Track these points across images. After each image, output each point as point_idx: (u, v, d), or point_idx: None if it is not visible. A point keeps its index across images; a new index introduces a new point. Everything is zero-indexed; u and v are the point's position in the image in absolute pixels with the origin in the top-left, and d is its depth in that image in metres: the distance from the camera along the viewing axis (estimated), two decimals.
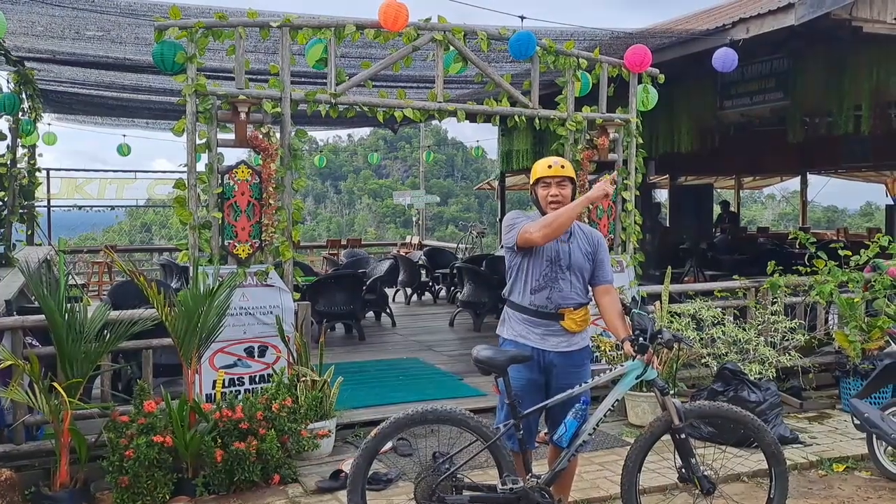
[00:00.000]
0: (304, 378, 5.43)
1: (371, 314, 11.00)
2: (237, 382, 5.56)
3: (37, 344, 5.24)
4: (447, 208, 52.01)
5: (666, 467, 4.81)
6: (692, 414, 3.89)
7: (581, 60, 6.76)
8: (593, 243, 3.98)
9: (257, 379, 5.62)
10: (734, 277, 7.35)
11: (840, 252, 7.07)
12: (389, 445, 5.18)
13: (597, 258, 3.95)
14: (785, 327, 6.58)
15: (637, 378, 3.79)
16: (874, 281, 6.87)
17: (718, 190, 20.49)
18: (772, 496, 3.90)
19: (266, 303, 5.66)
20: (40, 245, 10.11)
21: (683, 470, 3.80)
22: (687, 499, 4.03)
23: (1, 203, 8.65)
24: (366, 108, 6.10)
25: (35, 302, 5.37)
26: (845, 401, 6.50)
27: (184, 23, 5.37)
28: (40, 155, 9.48)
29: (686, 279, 11.88)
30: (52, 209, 15.40)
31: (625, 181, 7.01)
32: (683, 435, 3.75)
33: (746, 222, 24.39)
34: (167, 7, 5.71)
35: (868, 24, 7.02)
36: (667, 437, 3.80)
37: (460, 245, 18.07)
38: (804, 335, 6.64)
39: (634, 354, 3.72)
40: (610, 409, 3.82)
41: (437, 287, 13.77)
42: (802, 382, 6.77)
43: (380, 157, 45.36)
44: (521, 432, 3.71)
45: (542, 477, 3.75)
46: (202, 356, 5.25)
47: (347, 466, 4.21)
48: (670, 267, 7.00)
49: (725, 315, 6.69)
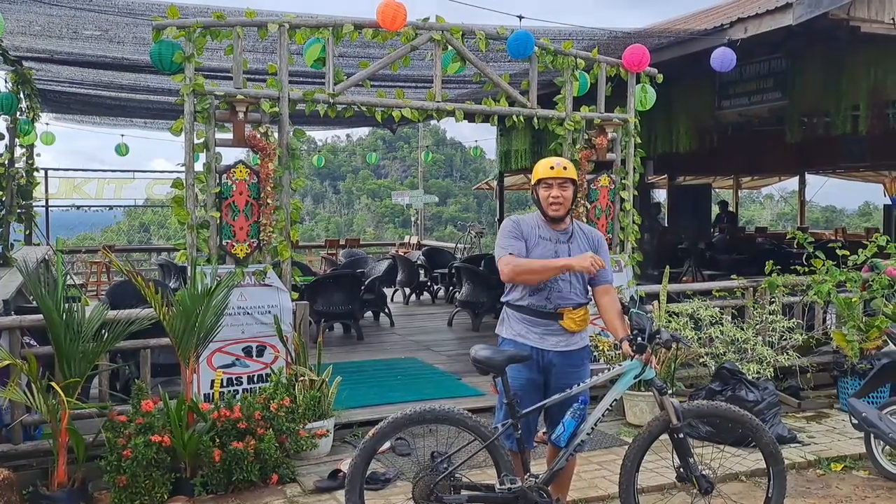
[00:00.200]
0: (303, 378, 5.42)
1: (369, 314, 11.00)
2: (235, 382, 5.56)
3: (35, 343, 5.24)
4: (446, 208, 51.99)
5: (664, 467, 4.81)
6: (690, 413, 3.89)
7: (579, 60, 6.76)
8: (593, 243, 3.98)
9: (255, 379, 5.62)
10: (732, 277, 7.36)
11: (838, 252, 7.08)
12: (388, 445, 5.20)
13: None
14: (783, 327, 6.59)
15: (635, 378, 3.79)
16: (872, 280, 6.87)
17: (717, 190, 20.52)
18: (770, 495, 3.91)
19: (264, 302, 5.65)
20: (38, 245, 10.10)
21: (682, 469, 3.80)
22: (685, 498, 4.03)
23: None
24: (364, 108, 6.10)
25: (33, 302, 5.36)
26: (843, 400, 6.51)
27: (182, 22, 5.37)
28: (38, 155, 9.47)
29: (684, 279, 11.88)
30: (51, 209, 15.39)
31: (623, 181, 7.01)
32: (682, 434, 3.75)
33: (745, 222, 24.42)
34: (165, 6, 5.71)
35: (866, 24, 7.02)
36: (665, 437, 3.80)
37: (459, 245, 18.10)
38: (802, 335, 6.65)
39: (633, 354, 3.72)
40: (608, 409, 3.82)
41: (436, 287, 13.77)
42: (800, 382, 6.77)
43: (378, 157, 45.37)
44: (520, 432, 3.71)
45: (541, 476, 3.75)
46: (200, 356, 5.25)
47: (345, 466, 4.21)
48: (668, 266, 7.01)
49: (723, 315, 6.69)
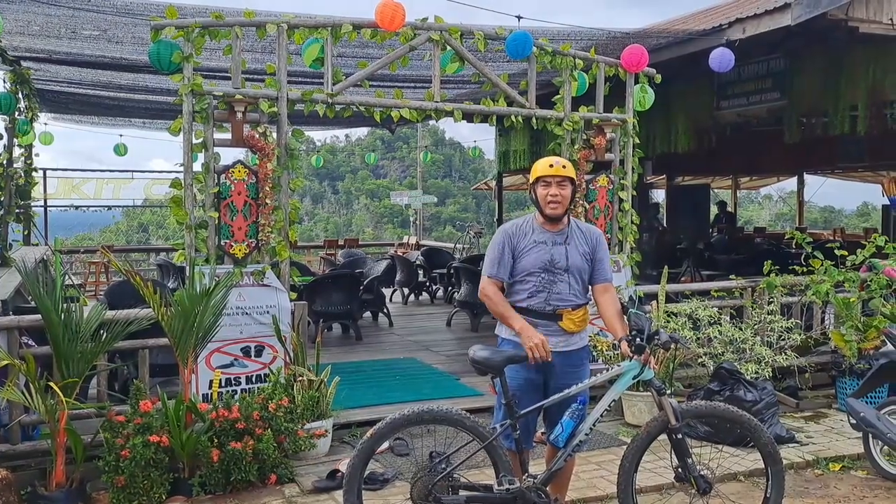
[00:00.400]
0: (301, 378, 5.42)
1: (368, 314, 11.00)
2: (234, 382, 5.56)
3: (33, 344, 5.23)
4: (445, 208, 51.97)
5: (662, 467, 4.81)
6: (689, 414, 3.89)
7: (578, 60, 6.77)
8: (591, 242, 3.96)
9: (254, 379, 5.62)
10: (731, 277, 7.36)
11: (836, 252, 7.08)
12: (386, 445, 5.21)
13: (595, 257, 3.95)
14: (781, 327, 6.59)
15: (634, 378, 3.79)
16: (870, 281, 6.88)
17: (715, 190, 20.53)
18: (768, 495, 3.91)
19: (263, 302, 5.65)
20: (37, 245, 10.09)
21: (680, 469, 3.80)
22: (683, 498, 4.02)
23: None
24: (363, 108, 6.10)
25: (31, 302, 5.36)
26: (841, 400, 6.52)
27: (180, 22, 5.37)
28: (37, 155, 9.46)
29: (683, 279, 11.88)
30: (49, 209, 15.37)
31: (621, 181, 7.02)
32: (680, 435, 3.74)
33: (743, 223, 24.43)
34: (164, 6, 5.70)
35: (864, 25, 7.03)
36: (663, 437, 3.80)
37: (458, 245, 18.10)
38: (800, 335, 6.65)
39: (631, 355, 3.71)
40: (606, 409, 3.81)
41: (435, 287, 13.77)
42: (799, 382, 6.77)
43: (377, 158, 45.33)
44: (518, 432, 3.71)
45: (539, 476, 3.75)
46: (198, 356, 5.24)
47: (344, 466, 4.21)
48: (667, 267, 7.01)
49: (722, 315, 6.69)
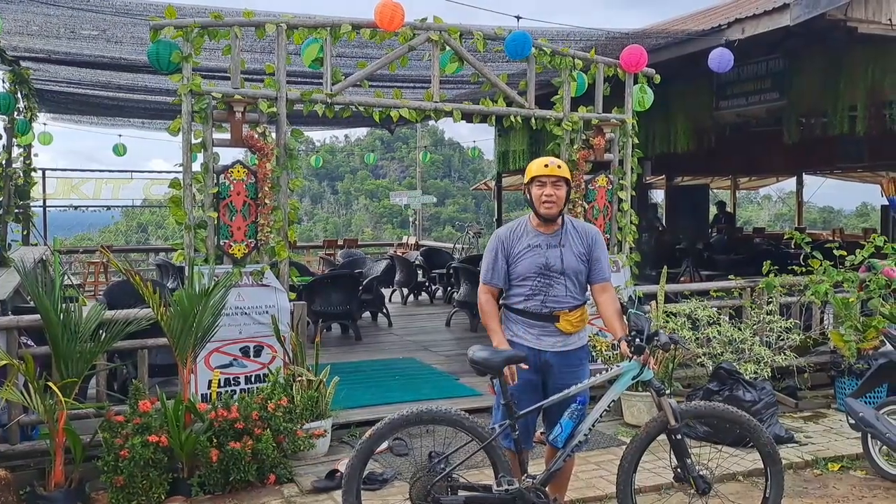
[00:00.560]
0: (300, 378, 5.42)
1: (367, 314, 10.99)
2: (233, 382, 5.56)
3: (32, 343, 5.23)
4: (444, 209, 51.96)
5: (661, 467, 4.80)
6: (688, 414, 3.89)
7: (577, 61, 6.77)
8: (587, 242, 3.93)
9: (253, 379, 5.62)
10: (730, 277, 7.36)
11: (835, 252, 7.08)
12: (385, 445, 5.21)
13: (592, 256, 3.92)
14: (780, 327, 6.59)
15: (633, 379, 3.79)
16: (869, 281, 6.88)
17: (714, 190, 20.54)
18: (767, 495, 3.91)
19: (262, 302, 5.65)
20: (36, 245, 10.08)
21: (679, 469, 3.79)
22: (683, 498, 4.03)
23: None
24: (362, 108, 6.10)
25: (30, 302, 5.36)
26: (840, 400, 6.52)
27: (179, 22, 5.37)
28: (36, 155, 9.46)
29: (682, 279, 11.87)
30: (48, 209, 15.36)
31: (621, 181, 7.02)
32: (679, 435, 3.74)
33: (742, 223, 24.42)
34: (163, 6, 5.70)
35: (863, 25, 7.04)
36: (662, 437, 3.80)
37: (457, 245, 18.08)
38: (799, 335, 6.65)
39: (631, 355, 3.71)
40: (606, 410, 3.81)
41: (434, 287, 13.76)
42: (798, 382, 6.77)
43: (376, 158, 45.31)
44: (517, 432, 3.71)
45: (538, 477, 3.75)
46: (198, 356, 5.24)
47: (343, 466, 4.20)
48: (666, 267, 7.01)
49: (721, 315, 6.69)
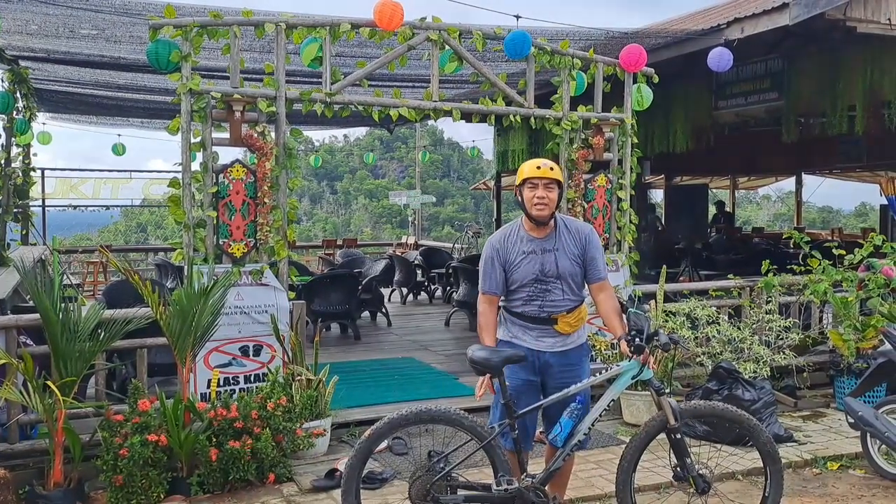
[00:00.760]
0: (300, 377, 5.42)
1: (367, 314, 11.00)
2: (232, 381, 5.55)
3: (31, 343, 5.23)
4: (443, 209, 51.93)
5: (661, 466, 4.80)
6: (688, 413, 3.89)
7: (576, 60, 6.77)
8: (581, 243, 3.87)
9: (252, 378, 5.61)
10: (729, 277, 7.37)
11: (834, 251, 7.09)
12: (384, 445, 5.21)
13: (587, 257, 3.87)
14: (779, 326, 6.59)
15: (633, 378, 3.79)
16: (868, 280, 6.88)
17: (714, 190, 20.53)
18: (767, 494, 3.91)
19: (261, 302, 5.65)
20: (35, 245, 10.07)
21: (679, 469, 3.80)
22: (682, 497, 4.03)
23: None
24: (361, 108, 6.10)
25: (29, 301, 5.36)
26: (839, 399, 6.53)
27: (178, 21, 5.36)
28: (35, 154, 9.43)
29: (681, 279, 11.88)
30: (47, 209, 15.35)
31: (620, 181, 7.02)
32: (679, 434, 3.75)
33: (742, 223, 24.40)
34: (162, 6, 5.70)
35: (862, 25, 7.04)
36: (662, 436, 3.80)
37: (456, 245, 18.08)
38: (798, 334, 6.65)
39: (630, 355, 3.71)
40: (605, 409, 3.81)
41: (433, 287, 13.77)
42: (797, 381, 6.78)
43: (376, 158, 45.23)
44: (516, 432, 3.71)
45: (537, 476, 3.75)
46: (197, 355, 5.23)
47: (342, 465, 4.20)
48: (665, 266, 7.01)
49: (720, 314, 6.69)
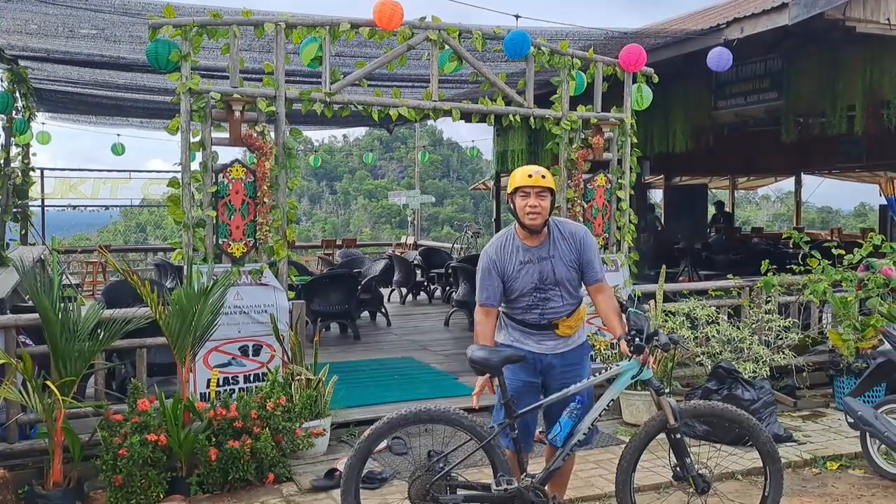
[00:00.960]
0: (299, 377, 5.42)
1: (366, 314, 10.99)
2: (231, 381, 5.55)
3: (30, 342, 5.23)
4: (443, 209, 51.93)
5: (660, 465, 4.80)
6: (687, 413, 3.89)
7: (576, 60, 6.77)
8: (576, 247, 3.82)
9: (252, 378, 5.61)
10: (728, 277, 7.36)
11: (834, 251, 7.09)
12: (384, 444, 5.20)
13: (583, 260, 3.83)
14: (779, 326, 6.59)
15: (633, 378, 3.79)
16: (867, 280, 6.88)
17: (713, 190, 20.54)
18: (766, 494, 3.91)
19: (260, 302, 5.65)
20: (34, 245, 10.06)
21: (678, 468, 3.80)
22: (682, 497, 4.03)
23: None
24: (360, 107, 6.09)
25: (29, 301, 5.35)
26: (839, 399, 6.53)
27: (178, 21, 5.36)
28: (34, 154, 9.42)
29: (681, 278, 11.89)
30: (47, 209, 15.34)
31: (619, 180, 7.02)
32: (679, 434, 3.74)
33: (741, 223, 24.41)
34: (161, 5, 5.70)
35: (861, 24, 7.04)
36: (661, 436, 3.80)
37: (455, 245, 18.09)
38: (798, 334, 6.65)
39: (630, 354, 3.71)
40: (605, 409, 3.81)
41: (433, 287, 13.76)
42: (796, 381, 6.78)
43: (375, 158, 45.24)
44: (516, 432, 3.71)
45: (537, 476, 3.75)
46: (196, 355, 5.23)
47: (342, 465, 4.20)
48: (665, 266, 7.01)
49: (720, 314, 6.69)
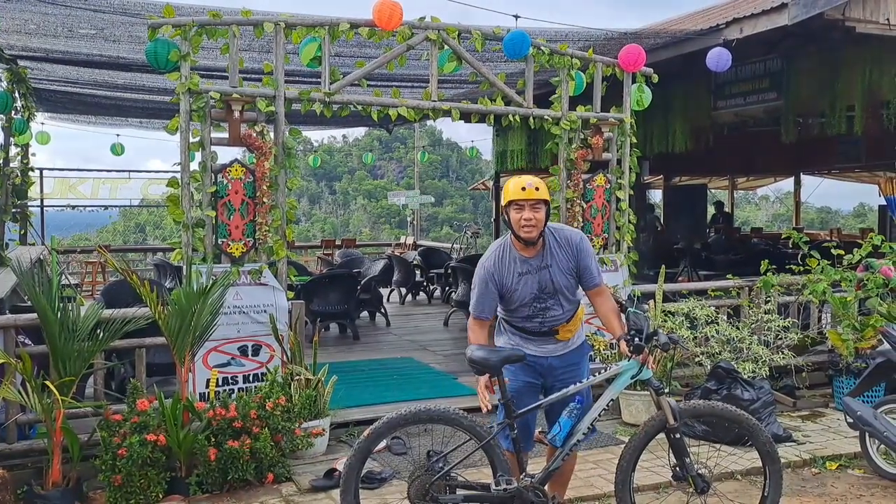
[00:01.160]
0: (298, 377, 5.42)
1: (365, 314, 11.00)
2: (231, 381, 5.55)
3: (29, 342, 5.23)
4: (442, 209, 51.94)
5: (660, 465, 4.80)
6: (687, 413, 3.88)
7: (575, 60, 6.77)
8: (572, 254, 3.78)
9: (251, 378, 5.61)
10: (728, 277, 7.36)
11: (833, 251, 7.09)
12: (383, 444, 5.20)
13: (580, 266, 3.79)
14: (778, 326, 6.59)
15: (632, 378, 3.78)
16: (867, 280, 6.88)
17: (713, 190, 20.54)
18: (766, 494, 3.91)
19: (260, 302, 5.65)
20: (33, 245, 10.05)
21: (678, 468, 3.79)
22: (681, 497, 4.03)
23: None
24: (360, 107, 6.09)
25: (28, 301, 5.35)
26: (838, 399, 6.53)
27: (177, 21, 5.36)
28: (33, 154, 9.41)
29: (680, 279, 11.89)
30: (46, 209, 15.34)
31: (619, 181, 7.02)
32: (678, 434, 3.74)
33: (740, 223, 24.43)
34: (161, 5, 5.70)
35: (861, 25, 7.04)
36: (661, 436, 3.80)
37: (455, 245, 18.09)
38: (797, 334, 6.65)
39: (630, 354, 3.70)
40: (604, 409, 3.81)
41: (432, 287, 13.77)
42: (796, 381, 6.78)
43: (374, 158, 45.25)
44: (516, 432, 3.70)
45: (536, 476, 3.75)
46: (196, 355, 5.23)
47: (341, 465, 4.20)
48: (664, 266, 7.02)
49: (719, 314, 6.70)
